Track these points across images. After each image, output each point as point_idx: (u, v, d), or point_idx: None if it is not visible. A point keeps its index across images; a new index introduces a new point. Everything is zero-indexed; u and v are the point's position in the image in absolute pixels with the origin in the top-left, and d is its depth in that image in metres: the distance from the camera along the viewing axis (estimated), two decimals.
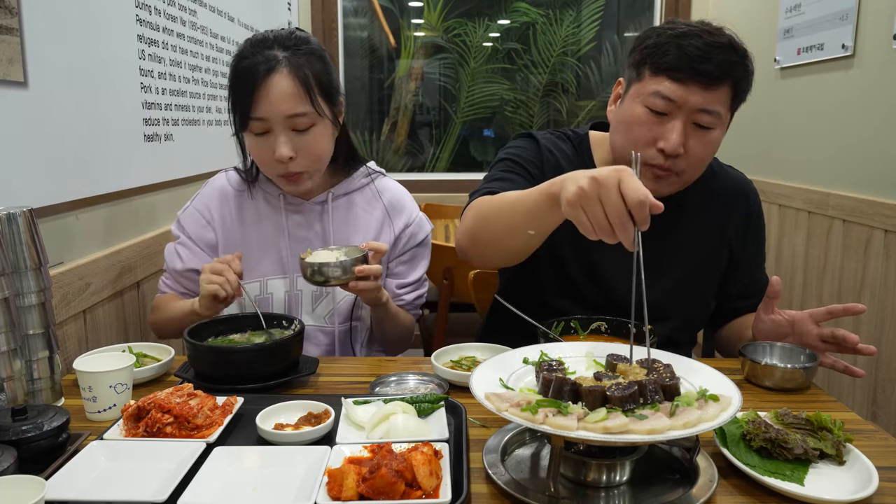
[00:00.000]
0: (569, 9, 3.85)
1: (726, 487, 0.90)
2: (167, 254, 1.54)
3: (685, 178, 1.33)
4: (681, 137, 1.26)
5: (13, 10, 1.21)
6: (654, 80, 1.27)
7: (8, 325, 1.07)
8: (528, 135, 1.49)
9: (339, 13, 3.64)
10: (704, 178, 1.43)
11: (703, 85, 1.23)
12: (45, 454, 0.92)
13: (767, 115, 2.90)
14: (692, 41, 1.23)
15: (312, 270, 1.31)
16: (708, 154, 1.31)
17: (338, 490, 0.81)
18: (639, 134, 1.29)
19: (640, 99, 1.29)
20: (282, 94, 1.34)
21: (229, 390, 1.13)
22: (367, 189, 1.58)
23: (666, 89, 1.25)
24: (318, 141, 1.40)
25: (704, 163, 1.33)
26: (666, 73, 1.25)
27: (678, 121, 1.26)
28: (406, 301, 1.57)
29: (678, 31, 1.26)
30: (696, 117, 1.26)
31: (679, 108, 1.25)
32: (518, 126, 3.98)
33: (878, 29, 2.16)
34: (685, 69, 1.23)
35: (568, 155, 1.45)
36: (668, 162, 1.28)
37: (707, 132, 1.28)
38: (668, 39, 1.26)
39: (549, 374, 0.89)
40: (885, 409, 2.08)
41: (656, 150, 1.28)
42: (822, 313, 1.26)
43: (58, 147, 1.36)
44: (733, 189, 1.49)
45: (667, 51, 1.25)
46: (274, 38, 1.38)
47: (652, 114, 1.28)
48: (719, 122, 1.28)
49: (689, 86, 1.24)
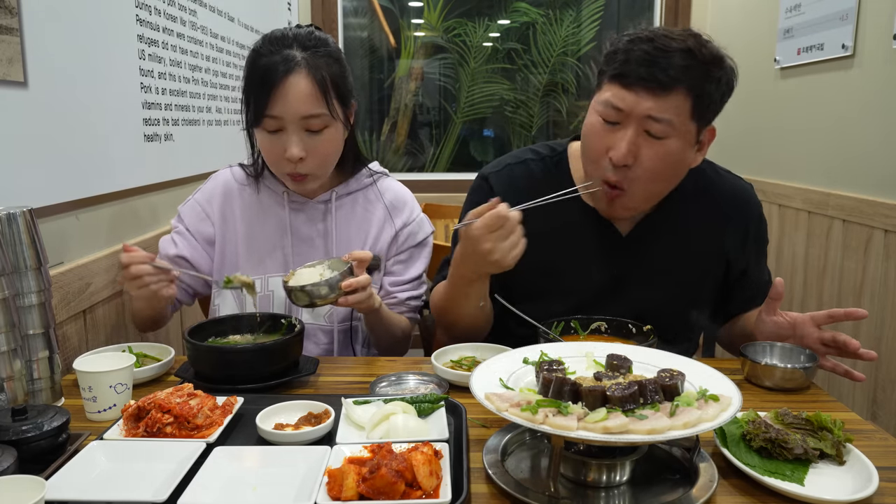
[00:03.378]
0: (569, 9, 3.85)
1: (726, 487, 0.90)
2: (162, 242, 1.54)
3: (637, 194, 1.27)
4: (629, 146, 1.20)
5: (13, 10, 1.21)
6: (606, 87, 1.24)
7: (8, 325, 1.07)
8: (484, 178, 1.44)
9: (339, 13, 3.64)
10: (699, 187, 1.39)
11: (650, 91, 1.18)
12: (45, 454, 0.92)
13: (767, 115, 2.90)
14: (642, 46, 1.19)
15: (297, 294, 1.28)
16: (664, 168, 1.24)
17: (338, 490, 0.81)
18: (593, 144, 1.26)
19: (596, 109, 1.26)
20: (299, 95, 1.34)
21: (229, 390, 1.13)
22: (370, 189, 1.58)
23: (614, 97, 1.21)
24: (329, 143, 1.40)
25: (661, 178, 1.26)
26: (616, 80, 1.22)
27: (627, 129, 1.21)
28: (398, 300, 1.55)
29: (632, 37, 1.22)
30: (646, 125, 1.20)
31: (628, 116, 1.21)
32: (518, 126, 3.98)
33: (878, 29, 2.16)
34: (632, 74, 1.19)
35: (537, 180, 1.40)
36: (617, 176, 1.24)
37: (660, 142, 1.21)
38: (621, 45, 1.22)
39: (549, 374, 0.89)
40: (885, 409, 2.08)
41: (608, 161, 1.24)
42: (824, 317, 1.26)
43: (58, 147, 1.36)
44: (731, 199, 1.43)
45: (619, 57, 1.22)
46: (293, 37, 1.38)
47: (605, 123, 1.24)
48: (673, 131, 1.20)
49: (638, 92, 1.19)
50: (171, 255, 1.50)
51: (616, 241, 1.40)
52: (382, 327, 1.48)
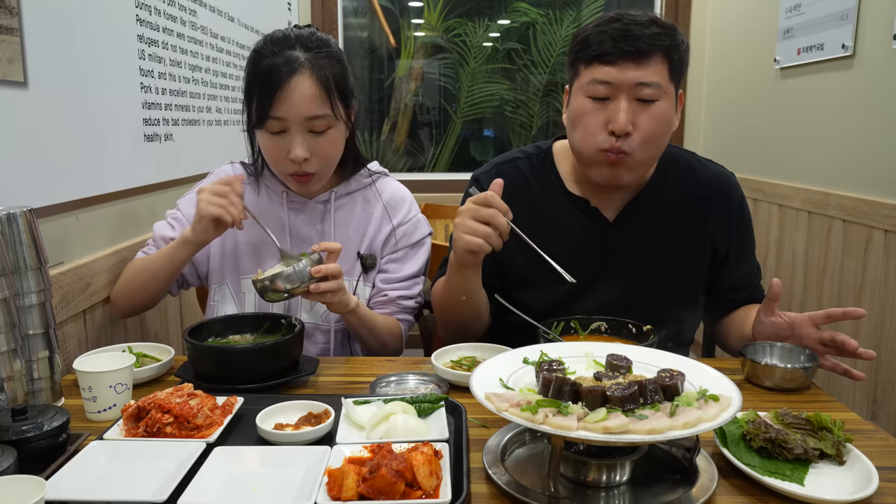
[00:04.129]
0: (569, 9, 3.85)
1: (726, 487, 0.90)
2: (157, 225, 1.53)
3: (640, 158, 1.34)
4: (627, 115, 1.28)
5: (13, 10, 1.21)
6: (588, 70, 1.31)
7: (8, 325, 1.07)
8: (476, 180, 1.51)
9: (339, 13, 3.64)
10: (682, 175, 1.45)
11: (634, 60, 1.27)
12: (45, 454, 0.92)
13: (767, 115, 2.90)
14: (613, 25, 1.29)
15: (264, 287, 1.27)
16: (659, 128, 1.32)
17: (338, 490, 0.81)
18: (587, 123, 1.32)
19: (581, 92, 1.33)
20: (303, 96, 1.34)
21: (229, 390, 1.13)
22: (369, 189, 1.58)
23: (601, 74, 1.29)
24: (332, 143, 1.41)
25: (658, 140, 1.34)
26: (597, 60, 1.29)
27: (620, 100, 1.29)
28: (388, 298, 1.53)
29: (598, 23, 1.32)
30: (637, 92, 1.28)
31: (617, 88, 1.28)
32: (518, 126, 3.98)
33: (878, 29, 2.16)
34: (614, 51, 1.27)
35: (525, 175, 1.48)
36: (619, 142, 1.30)
37: (652, 105, 1.29)
38: (591, 31, 1.31)
39: (549, 374, 0.89)
40: (885, 409, 2.08)
41: (607, 134, 1.30)
42: (822, 317, 1.26)
43: (58, 147, 1.36)
44: (712, 185, 1.48)
45: (592, 40, 1.30)
46: (296, 38, 1.38)
47: (595, 101, 1.31)
48: (662, 92, 1.30)
49: (621, 65, 1.27)
50: (166, 237, 1.49)
51: (604, 225, 1.44)
52: (364, 328, 1.45)
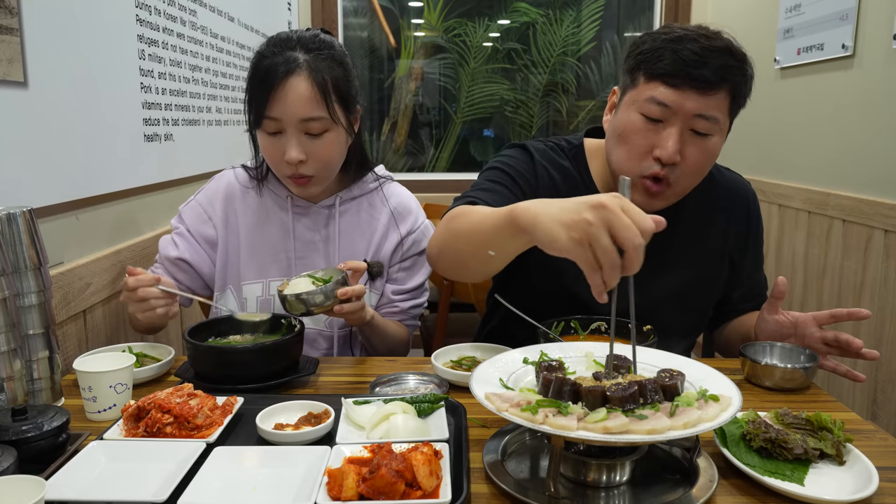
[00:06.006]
0: (569, 9, 3.85)
1: (726, 487, 0.90)
2: (162, 243, 1.53)
3: (679, 189, 1.29)
4: (677, 145, 1.22)
5: (13, 10, 1.21)
6: (648, 85, 1.24)
7: (8, 325, 1.07)
8: (523, 146, 1.44)
9: (339, 13, 3.64)
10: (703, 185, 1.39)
11: (699, 90, 1.20)
12: (45, 454, 0.92)
13: (767, 116, 2.90)
14: (688, 45, 1.20)
15: (292, 302, 1.27)
16: (706, 163, 1.27)
17: (338, 490, 0.81)
18: (634, 142, 1.26)
19: (635, 106, 1.26)
20: (298, 97, 1.33)
21: (229, 390, 1.13)
22: (374, 194, 1.57)
23: (661, 95, 1.21)
24: (329, 146, 1.39)
25: (702, 173, 1.29)
26: (661, 79, 1.22)
27: (674, 127, 1.22)
28: (401, 308, 1.54)
29: (674, 36, 1.23)
30: (694, 123, 1.22)
31: (675, 114, 1.22)
32: (518, 126, 3.98)
33: (878, 29, 2.16)
34: (681, 74, 1.20)
35: (565, 169, 1.41)
36: (663, 171, 1.24)
37: (705, 139, 1.24)
38: (662, 44, 1.22)
39: (549, 374, 0.89)
40: (885, 410, 2.08)
41: (652, 159, 1.24)
42: (826, 317, 1.26)
43: (58, 147, 1.36)
44: (731, 194, 1.45)
45: (661, 56, 1.22)
46: (297, 40, 1.38)
47: (647, 121, 1.24)
48: (718, 128, 1.24)
49: (685, 91, 1.20)
50: (171, 258, 1.50)
51: None
52: (377, 337, 1.47)
